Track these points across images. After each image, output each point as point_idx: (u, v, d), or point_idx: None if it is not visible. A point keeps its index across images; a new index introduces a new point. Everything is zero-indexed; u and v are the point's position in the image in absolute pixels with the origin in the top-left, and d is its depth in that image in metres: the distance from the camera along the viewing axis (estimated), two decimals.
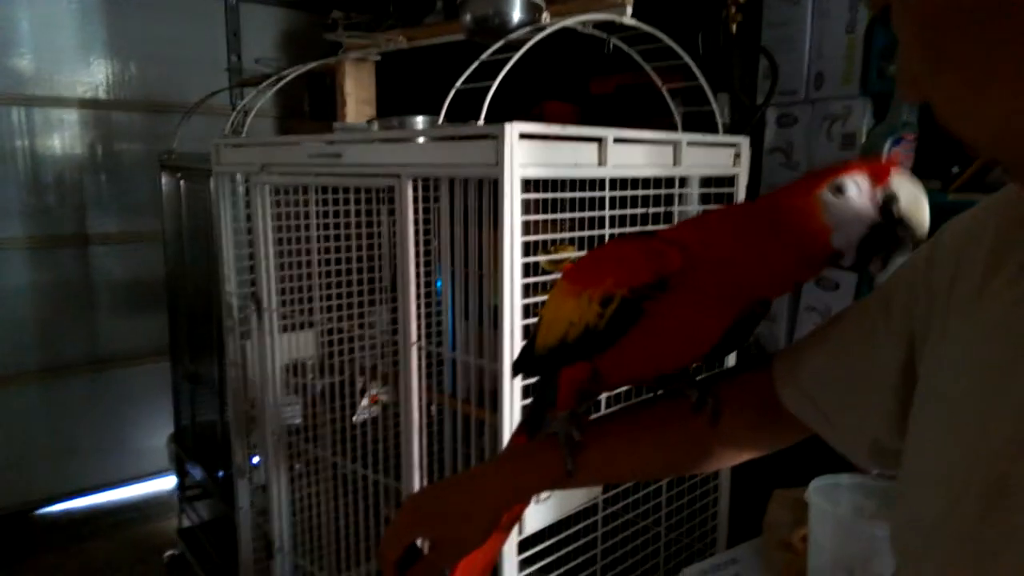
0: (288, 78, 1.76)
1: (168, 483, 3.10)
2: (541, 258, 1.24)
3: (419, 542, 0.75)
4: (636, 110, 2.01)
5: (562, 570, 1.34)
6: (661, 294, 0.67)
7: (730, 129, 1.71)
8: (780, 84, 1.76)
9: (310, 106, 3.39)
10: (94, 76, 3.07)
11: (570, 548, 1.35)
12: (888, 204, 0.61)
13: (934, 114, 0.43)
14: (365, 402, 1.98)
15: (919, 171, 1.54)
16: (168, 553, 2.75)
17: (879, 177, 0.62)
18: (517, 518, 0.86)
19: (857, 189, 0.62)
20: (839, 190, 0.63)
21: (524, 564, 1.27)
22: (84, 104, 3.05)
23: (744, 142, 1.54)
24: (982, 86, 0.39)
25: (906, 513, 0.50)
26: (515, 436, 0.87)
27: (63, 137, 3.04)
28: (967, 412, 0.46)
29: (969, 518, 0.44)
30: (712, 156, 1.50)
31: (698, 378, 0.75)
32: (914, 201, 0.61)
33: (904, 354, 0.57)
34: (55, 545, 2.90)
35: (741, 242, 0.66)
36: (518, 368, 0.90)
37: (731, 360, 1.49)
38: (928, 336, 0.54)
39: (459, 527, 0.71)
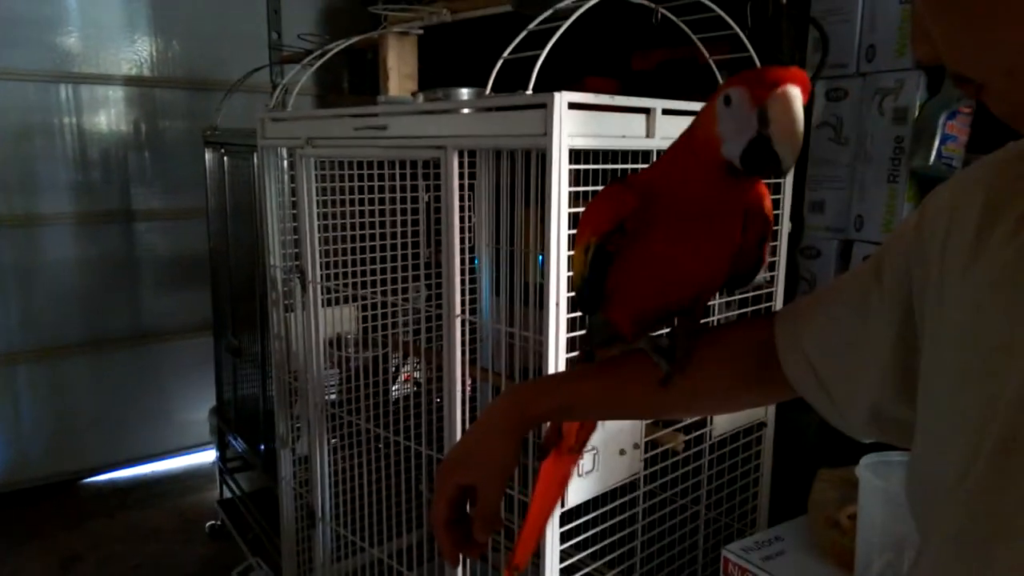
0: (331, 53, 1.76)
1: (209, 456, 3.16)
2: None
3: (468, 509, 0.78)
4: (678, 86, 1.98)
5: (601, 545, 1.35)
6: (624, 235, 0.71)
7: None
8: (830, 56, 1.72)
9: (350, 83, 3.41)
10: (138, 53, 3.12)
11: (610, 523, 1.35)
12: (762, 123, 0.60)
13: (943, 60, 0.43)
14: (400, 379, 2.00)
15: (975, 146, 1.50)
16: (209, 523, 2.82)
17: (759, 93, 0.60)
18: (581, 441, 0.91)
19: (739, 102, 0.61)
20: (727, 101, 0.62)
21: (564, 537, 1.27)
22: (129, 81, 3.11)
23: None
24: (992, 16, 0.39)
25: (922, 478, 0.50)
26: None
27: (109, 114, 3.10)
28: (975, 371, 0.46)
29: (982, 477, 0.43)
30: None
31: (702, 320, 0.78)
32: (783, 127, 0.59)
33: (899, 319, 0.56)
34: (101, 513, 3.00)
35: (672, 162, 0.70)
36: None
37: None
38: (925, 298, 0.53)
39: (482, 459, 0.76)
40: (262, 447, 2.45)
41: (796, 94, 0.59)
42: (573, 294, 1.19)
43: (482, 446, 0.77)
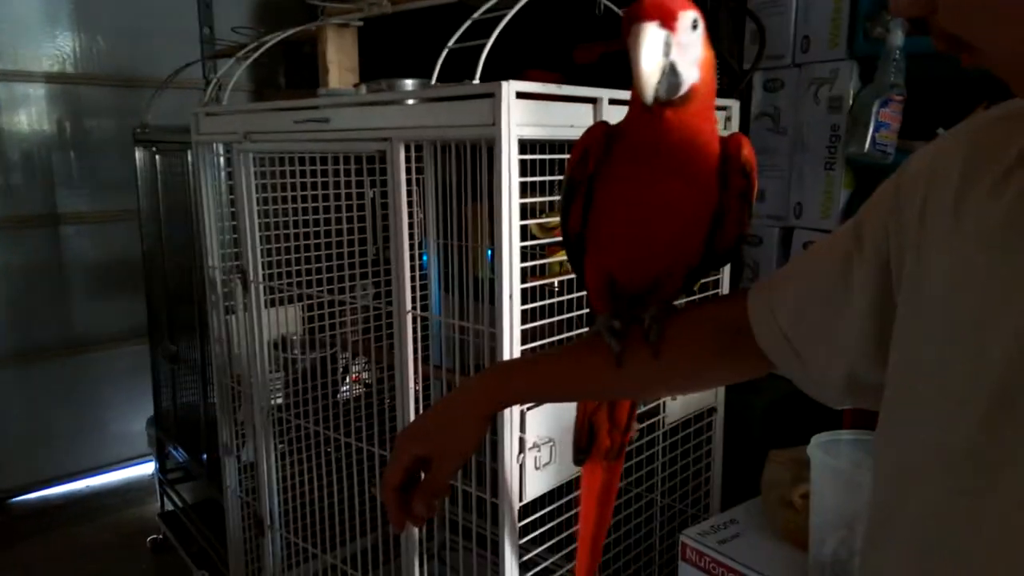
0: (266, 46, 1.71)
1: (148, 468, 3.05)
2: (531, 222, 1.23)
3: (422, 476, 0.79)
4: (620, 78, 2.00)
5: (559, 538, 1.34)
6: (589, 168, 0.73)
7: (719, 94, 1.70)
8: (767, 48, 1.75)
9: (287, 77, 3.32)
10: (61, 49, 2.97)
11: (568, 515, 1.34)
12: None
13: (934, 23, 0.42)
14: (348, 381, 1.96)
15: (907, 132, 1.55)
16: (151, 537, 2.72)
17: (625, 32, 0.63)
18: (616, 443, 0.91)
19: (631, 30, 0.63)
20: None
21: (523, 532, 1.27)
22: (51, 79, 2.96)
23: (734, 105, 1.53)
24: None
25: (898, 440, 0.50)
26: None
27: (29, 113, 2.95)
28: (962, 328, 0.46)
29: (971, 434, 0.44)
30: None
31: (676, 302, 0.79)
32: (632, 62, 0.62)
33: (878, 281, 0.56)
34: (34, 533, 2.85)
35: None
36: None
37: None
38: (904, 261, 0.53)
39: (445, 435, 0.77)
40: (204, 456, 2.37)
41: (642, 30, 0.61)
42: (527, 285, 1.18)
43: (446, 422, 0.78)
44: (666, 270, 0.76)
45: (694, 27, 0.64)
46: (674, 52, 0.63)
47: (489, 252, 1.26)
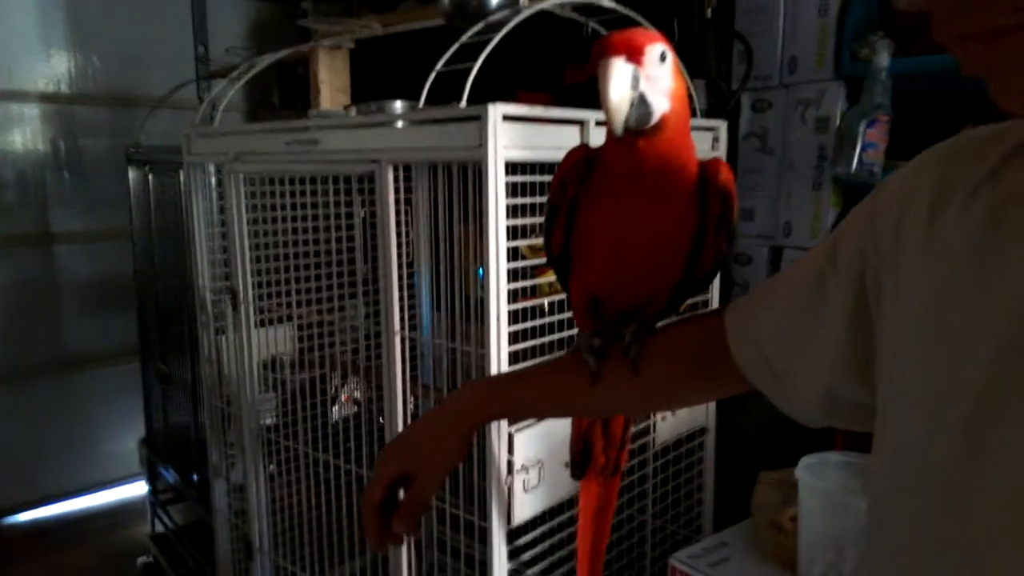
0: (260, 67, 1.72)
1: (139, 489, 3.02)
2: (521, 243, 1.23)
3: (401, 494, 0.79)
4: None
5: (550, 561, 1.33)
6: (570, 191, 0.74)
7: (707, 114, 1.72)
8: (754, 69, 1.77)
9: (280, 98, 3.34)
10: (55, 69, 2.98)
11: (558, 537, 1.33)
12: None
13: (936, 19, 0.40)
14: (340, 400, 1.96)
15: (894, 152, 1.56)
16: (141, 560, 2.69)
17: (593, 66, 0.64)
18: (612, 459, 0.91)
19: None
20: None
21: (513, 554, 1.26)
22: (45, 98, 2.97)
23: (722, 126, 1.54)
24: None
25: (887, 458, 0.50)
26: None
27: (24, 132, 2.96)
28: (940, 343, 0.46)
29: (951, 442, 0.44)
30: None
31: (659, 323, 0.79)
32: (600, 96, 0.63)
33: (853, 300, 0.57)
34: (23, 555, 2.82)
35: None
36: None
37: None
38: (881, 282, 0.54)
39: (426, 450, 0.76)
40: (195, 477, 2.35)
41: (610, 64, 0.62)
42: (516, 306, 1.18)
43: (429, 438, 0.77)
44: (647, 291, 0.76)
45: (662, 59, 0.65)
46: (643, 84, 0.64)
47: (480, 271, 1.26)
